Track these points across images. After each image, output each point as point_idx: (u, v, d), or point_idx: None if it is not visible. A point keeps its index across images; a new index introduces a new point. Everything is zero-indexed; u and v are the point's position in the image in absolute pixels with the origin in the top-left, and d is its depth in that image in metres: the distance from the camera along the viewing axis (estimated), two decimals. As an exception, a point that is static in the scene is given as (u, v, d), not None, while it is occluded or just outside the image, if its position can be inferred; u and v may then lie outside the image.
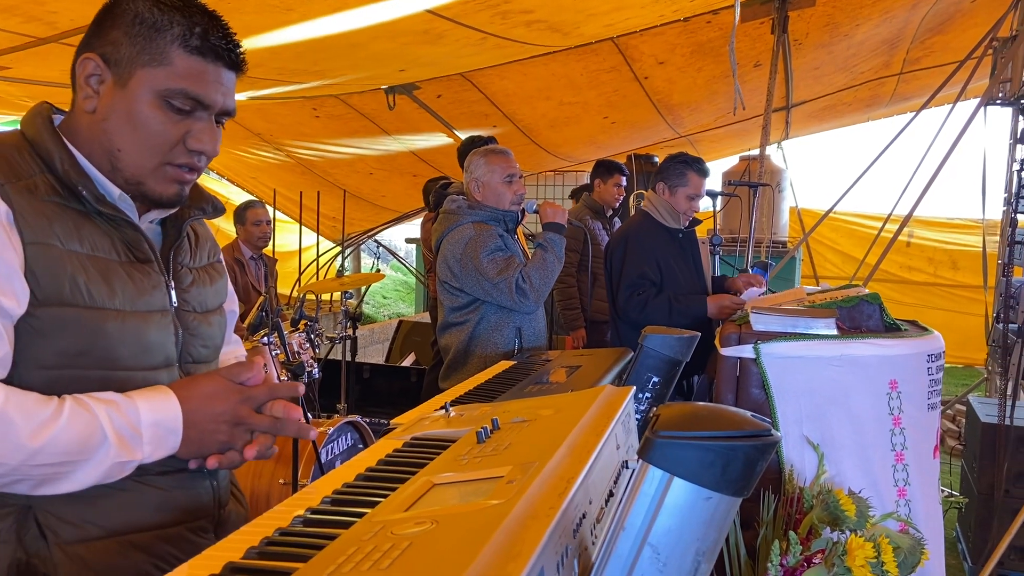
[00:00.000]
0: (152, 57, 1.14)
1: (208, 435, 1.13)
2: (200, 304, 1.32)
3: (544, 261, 2.79)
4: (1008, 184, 5.11)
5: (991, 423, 4.05)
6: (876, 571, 1.42)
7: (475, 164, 2.90)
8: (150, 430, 1.09)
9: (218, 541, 0.86)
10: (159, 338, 1.21)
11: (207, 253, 1.40)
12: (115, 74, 1.15)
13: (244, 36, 4.08)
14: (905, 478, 1.96)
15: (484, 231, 2.79)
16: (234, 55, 1.20)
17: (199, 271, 1.36)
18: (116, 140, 1.16)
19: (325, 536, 0.83)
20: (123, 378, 1.14)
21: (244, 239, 4.56)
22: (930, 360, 2.00)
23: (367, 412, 4.75)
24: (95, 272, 1.13)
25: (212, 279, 1.38)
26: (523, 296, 2.74)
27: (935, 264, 8.64)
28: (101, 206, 1.15)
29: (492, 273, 2.74)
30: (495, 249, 2.77)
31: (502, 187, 2.87)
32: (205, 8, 1.20)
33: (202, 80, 1.17)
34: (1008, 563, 3.93)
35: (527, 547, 0.67)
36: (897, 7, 5.31)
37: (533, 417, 1.15)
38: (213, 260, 1.43)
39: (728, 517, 0.76)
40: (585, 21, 4.46)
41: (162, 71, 1.14)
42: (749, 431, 0.73)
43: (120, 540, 1.15)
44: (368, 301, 10.46)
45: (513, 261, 2.78)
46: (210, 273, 1.39)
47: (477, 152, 2.96)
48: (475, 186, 2.89)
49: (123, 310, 1.15)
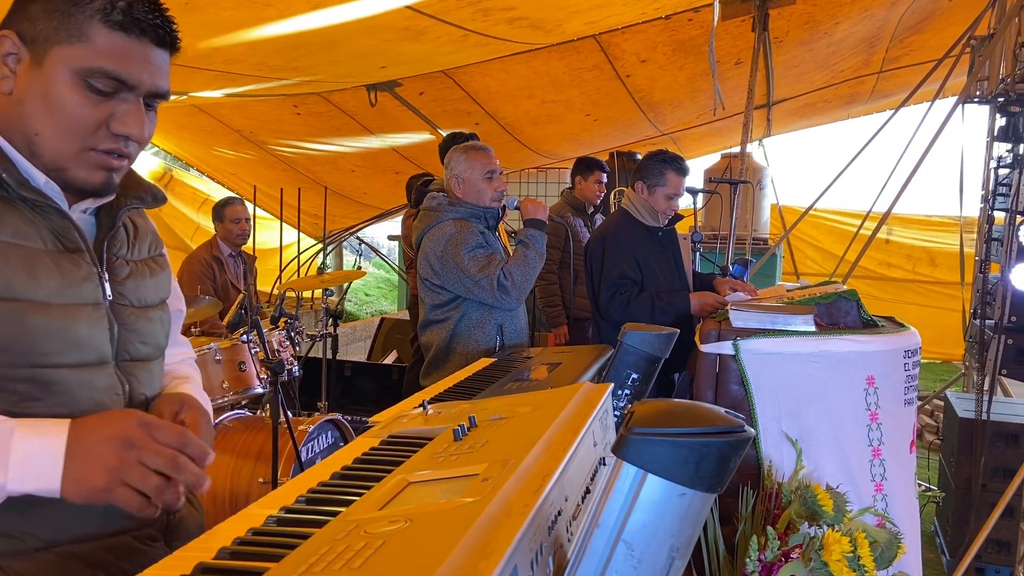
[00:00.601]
0: (70, 33, 1.06)
1: (93, 460, 0.98)
2: (138, 298, 1.24)
3: (525, 258, 2.79)
4: (985, 181, 5.16)
5: (968, 418, 4.09)
6: (853, 565, 1.43)
7: (455, 161, 2.90)
8: (20, 449, 0.97)
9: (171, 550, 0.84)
10: (91, 333, 1.12)
11: (148, 246, 1.32)
12: (32, 52, 1.07)
13: (222, 32, 4.02)
14: (882, 473, 1.98)
15: (465, 228, 2.79)
16: (163, 31, 1.11)
17: (137, 264, 1.27)
18: (33, 123, 1.08)
19: (298, 535, 0.82)
20: (52, 377, 1.07)
21: (223, 236, 4.53)
22: (907, 356, 2.02)
23: (348, 410, 4.73)
24: (16, 260, 1.05)
25: (153, 272, 1.30)
26: (505, 293, 2.74)
27: (913, 261, 8.73)
28: (25, 191, 1.08)
29: (474, 270, 2.73)
30: (476, 246, 2.77)
31: (483, 183, 2.87)
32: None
33: (126, 58, 1.07)
34: (986, 556, 3.97)
35: (500, 545, 0.67)
36: (876, 6, 5.35)
37: (511, 415, 1.15)
38: (155, 253, 1.34)
39: (702, 513, 0.76)
40: (567, 18, 4.45)
41: (81, 48, 1.06)
42: (722, 427, 0.73)
43: (60, 551, 1.08)
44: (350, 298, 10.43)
45: (494, 258, 2.78)
46: (151, 267, 1.30)
47: (457, 148, 2.95)
48: (455, 183, 2.88)
49: (49, 302, 1.07)
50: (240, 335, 3.25)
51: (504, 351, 2.66)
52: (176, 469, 0.99)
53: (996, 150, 5.00)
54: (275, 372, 2.63)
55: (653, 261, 3.32)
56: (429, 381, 2.87)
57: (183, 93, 4.99)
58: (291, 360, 3.46)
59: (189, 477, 1.00)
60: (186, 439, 1.02)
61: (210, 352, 3.12)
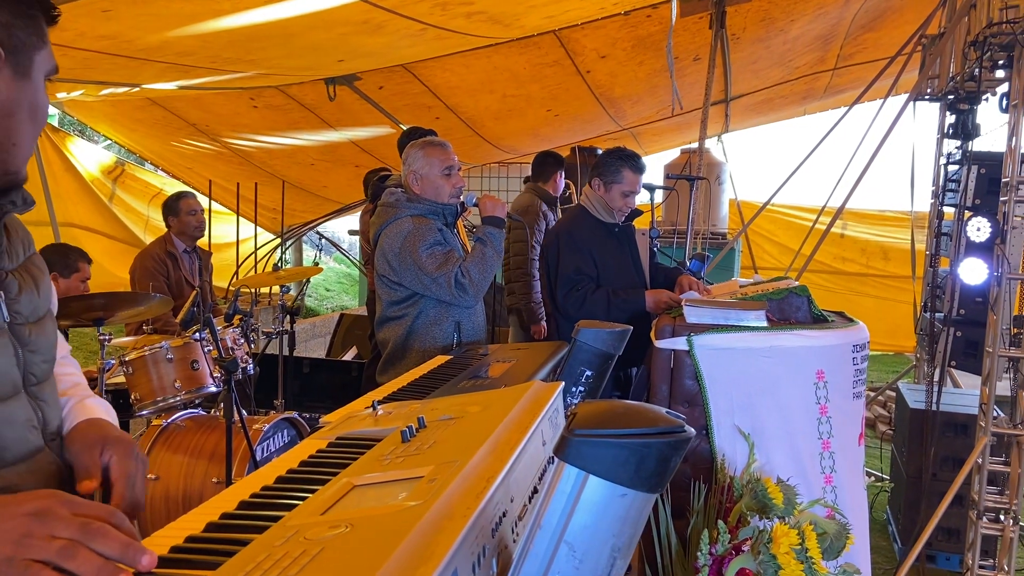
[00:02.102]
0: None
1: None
2: (32, 312, 1.14)
3: (483, 255, 2.78)
4: (936, 178, 5.28)
5: (919, 409, 4.18)
6: (800, 557, 1.46)
7: (413, 156, 2.87)
8: None
9: None
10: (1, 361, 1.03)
11: (21, 247, 1.19)
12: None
13: (175, 25, 3.93)
14: (832, 465, 2.02)
15: (423, 225, 2.77)
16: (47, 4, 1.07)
17: (21, 273, 1.15)
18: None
19: (237, 542, 0.81)
20: None
21: (178, 231, 4.43)
22: (855, 350, 2.06)
23: (308, 408, 4.68)
24: None
25: (36, 279, 1.18)
26: (462, 291, 2.73)
27: (867, 255, 8.91)
28: None
29: (431, 268, 2.71)
30: (434, 243, 2.75)
31: (441, 180, 2.85)
32: None
33: None
34: (936, 544, 4.07)
35: (439, 549, 0.67)
36: (830, 4, 5.43)
37: (460, 414, 1.15)
38: (29, 253, 1.21)
39: (643, 513, 0.76)
40: (525, 13, 4.44)
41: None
42: (663, 428, 0.74)
43: None
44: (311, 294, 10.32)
45: (452, 256, 2.76)
46: (32, 272, 1.18)
47: (415, 144, 2.92)
48: (413, 179, 2.86)
49: None
50: (193, 333, 3.19)
51: (461, 348, 2.65)
52: (88, 538, 0.79)
53: (946, 147, 5.12)
54: (228, 371, 2.59)
55: (610, 257, 3.33)
56: (386, 378, 2.85)
57: (134, 85, 4.87)
58: (245, 358, 3.41)
59: (112, 545, 0.79)
60: (115, 517, 0.84)
61: (162, 350, 3.06)
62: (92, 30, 3.42)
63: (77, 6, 3.11)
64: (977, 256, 3.67)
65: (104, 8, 3.21)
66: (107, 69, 4.22)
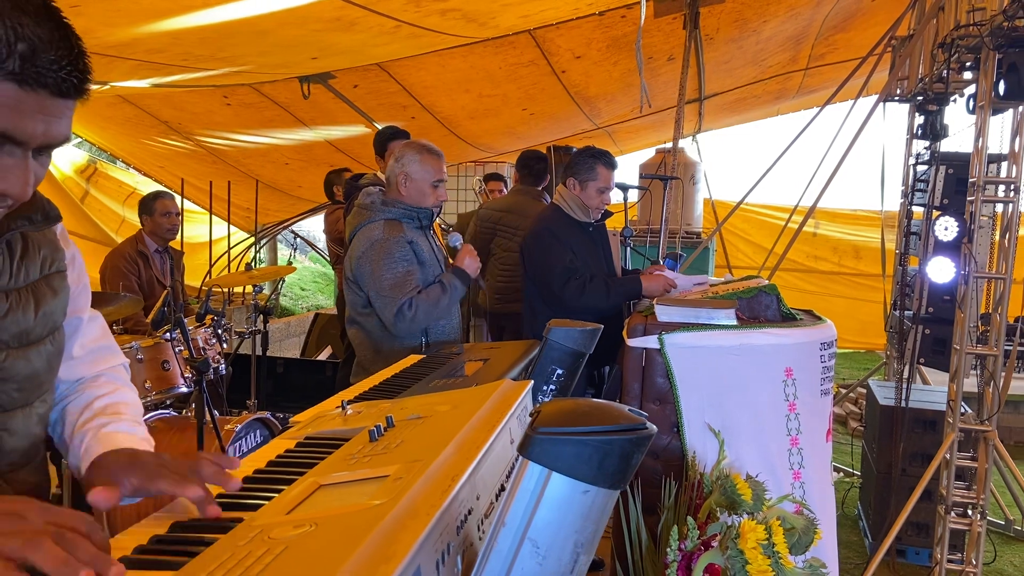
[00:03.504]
0: None
1: None
2: (18, 336, 1.06)
3: (438, 301, 2.73)
4: (905, 178, 5.36)
5: (889, 405, 4.24)
6: (767, 552, 1.48)
7: (409, 159, 2.83)
8: None
9: None
10: None
11: (40, 264, 1.12)
12: None
13: (144, 21, 3.88)
14: (800, 461, 2.04)
15: (393, 236, 2.73)
16: (68, 82, 0.92)
17: (22, 292, 1.09)
18: None
19: (202, 542, 0.81)
20: None
21: (151, 231, 4.39)
22: (823, 348, 2.09)
23: (282, 407, 4.65)
24: None
25: (44, 298, 1.11)
26: (400, 320, 2.68)
27: (839, 254, 9.02)
28: None
29: (385, 286, 2.68)
30: (400, 259, 2.71)
31: (429, 188, 2.83)
32: (44, 11, 0.91)
33: (15, 112, 0.90)
34: (906, 539, 4.13)
35: (402, 548, 0.67)
36: (801, 4, 5.50)
37: (429, 413, 1.15)
38: (51, 271, 1.14)
39: (606, 509, 0.77)
40: (500, 11, 4.45)
41: None
42: (624, 425, 0.75)
43: None
44: (286, 293, 10.25)
45: (410, 281, 2.71)
46: (42, 290, 1.11)
47: (411, 145, 2.89)
48: (403, 178, 2.83)
49: None
50: (163, 333, 3.16)
51: (431, 350, 2.64)
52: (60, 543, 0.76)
53: (915, 147, 5.20)
54: (199, 371, 2.57)
55: (587, 256, 3.36)
56: (357, 379, 2.83)
57: (104, 83, 4.81)
58: (217, 358, 3.39)
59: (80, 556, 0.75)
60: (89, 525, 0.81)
61: (132, 351, 3.03)
62: (60, 26, 3.37)
63: (44, 2, 3.07)
64: (945, 255, 3.73)
65: (72, 3, 3.17)
66: (76, 66, 4.17)
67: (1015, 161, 3.51)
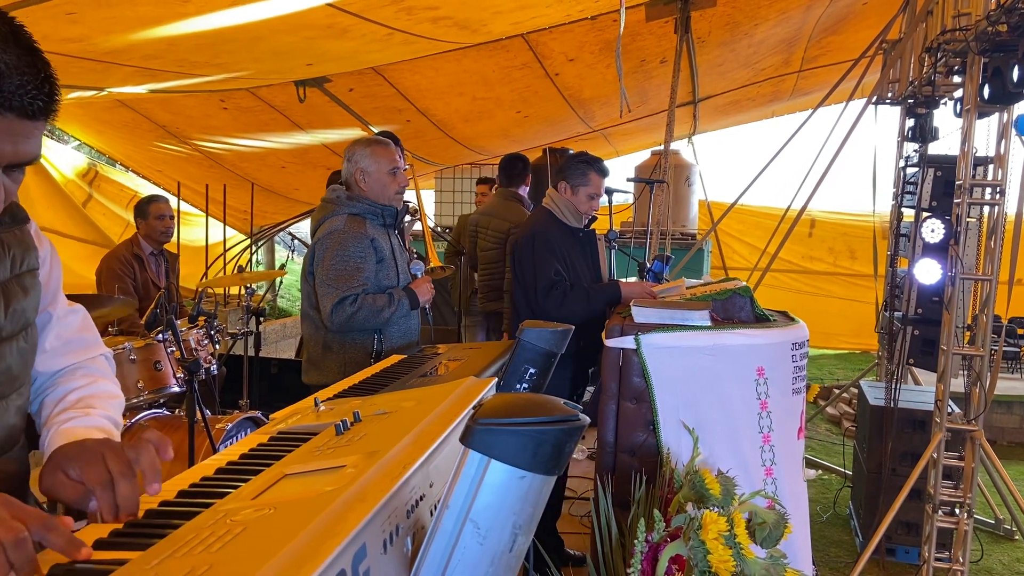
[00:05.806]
0: None
1: None
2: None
3: (381, 310, 2.74)
4: (896, 180, 5.40)
5: (879, 405, 4.26)
6: (729, 543, 1.53)
7: (359, 155, 2.88)
8: None
9: None
10: None
11: (10, 264, 1.13)
12: None
13: (139, 28, 3.94)
14: (771, 458, 2.10)
15: (353, 232, 2.76)
16: (34, 106, 0.95)
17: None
18: None
19: (171, 527, 0.87)
20: None
21: (145, 234, 4.46)
22: (794, 348, 2.14)
23: (275, 408, 4.68)
24: None
25: (13, 297, 1.12)
26: (338, 312, 2.68)
27: (835, 254, 9.06)
28: None
29: (332, 275, 2.71)
30: (354, 255, 2.73)
31: (387, 178, 2.88)
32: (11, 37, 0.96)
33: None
34: (896, 537, 4.16)
35: (347, 526, 0.73)
36: (793, 8, 5.55)
37: (395, 409, 1.21)
38: (21, 270, 1.15)
39: (542, 494, 0.83)
40: (491, 19, 4.51)
41: None
42: (558, 416, 0.81)
43: None
44: (283, 295, 10.30)
45: (357, 278, 2.72)
46: (10, 290, 1.13)
47: (359, 142, 2.94)
48: (360, 176, 2.87)
49: None
50: (156, 334, 3.22)
51: (383, 356, 2.59)
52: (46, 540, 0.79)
53: (906, 149, 5.24)
54: (190, 371, 2.62)
55: (576, 260, 3.40)
56: (310, 379, 2.85)
57: (100, 89, 4.88)
58: (209, 358, 3.44)
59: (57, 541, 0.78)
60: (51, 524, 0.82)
61: (124, 351, 3.09)
62: (56, 33, 3.44)
63: (40, 9, 3.13)
64: (932, 257, 3.76)
65: (68, 11, 3.23)
66: (74, 73, 4.23)
67: (1000, 164, 3.55)
